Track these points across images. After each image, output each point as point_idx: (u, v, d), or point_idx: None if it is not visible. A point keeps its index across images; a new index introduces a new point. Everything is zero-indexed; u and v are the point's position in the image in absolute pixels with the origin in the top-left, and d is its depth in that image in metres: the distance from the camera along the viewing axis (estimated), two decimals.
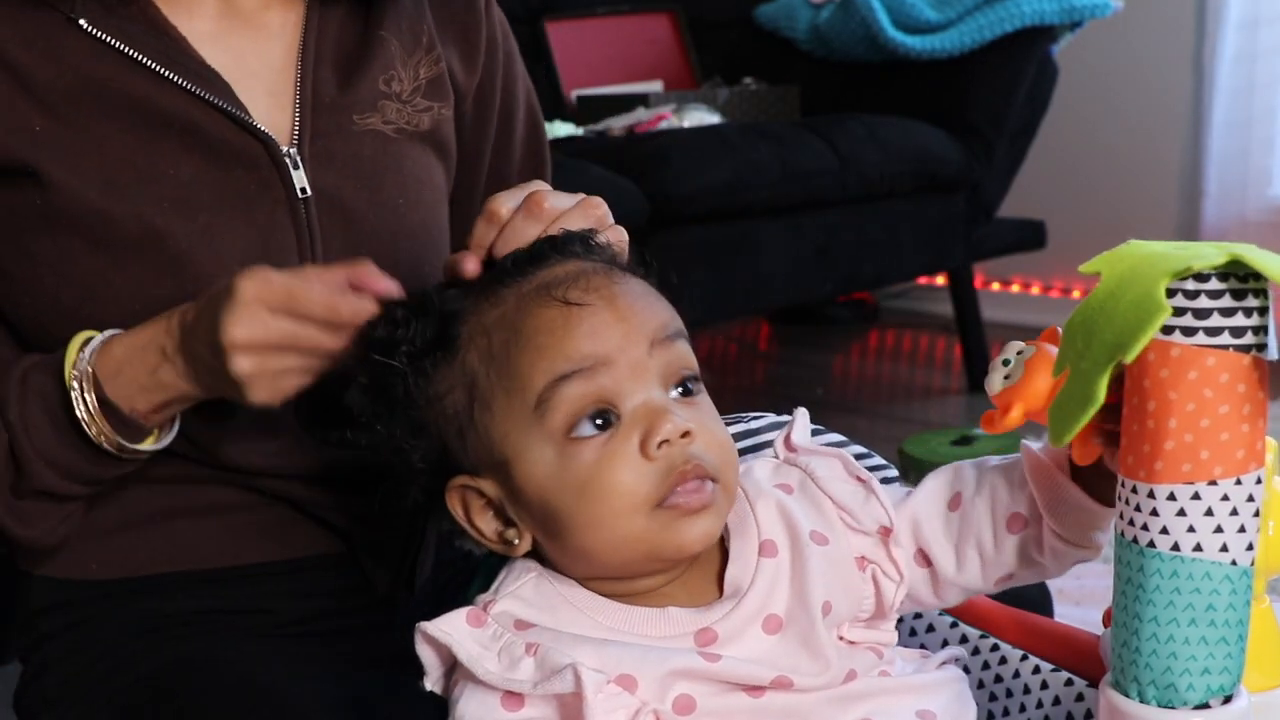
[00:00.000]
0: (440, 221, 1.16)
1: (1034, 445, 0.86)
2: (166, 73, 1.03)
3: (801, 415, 0.96)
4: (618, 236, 0.95)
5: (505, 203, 0.93)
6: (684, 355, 0.86)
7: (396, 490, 0.89)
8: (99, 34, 1.03)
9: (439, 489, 0.88)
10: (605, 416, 0.82)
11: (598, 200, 0.95)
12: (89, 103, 1.02)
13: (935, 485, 0.90)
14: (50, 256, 1.02)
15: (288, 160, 1.06)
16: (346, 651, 1.07)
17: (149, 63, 1.03)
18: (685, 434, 0.82)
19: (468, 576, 0.99)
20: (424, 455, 0.87)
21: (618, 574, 0.85)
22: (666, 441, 0.82)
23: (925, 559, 0.90)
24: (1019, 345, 0.84)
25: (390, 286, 0.92)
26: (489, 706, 0.81)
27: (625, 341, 0.83)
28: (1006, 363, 0.83)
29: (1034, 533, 0.86)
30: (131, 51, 1.03)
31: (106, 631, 1.06)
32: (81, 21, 1.03)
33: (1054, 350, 0.81)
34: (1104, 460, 0.81)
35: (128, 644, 1.05)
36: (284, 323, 0.91)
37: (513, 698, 0.81)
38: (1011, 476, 0.88)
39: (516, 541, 0.86)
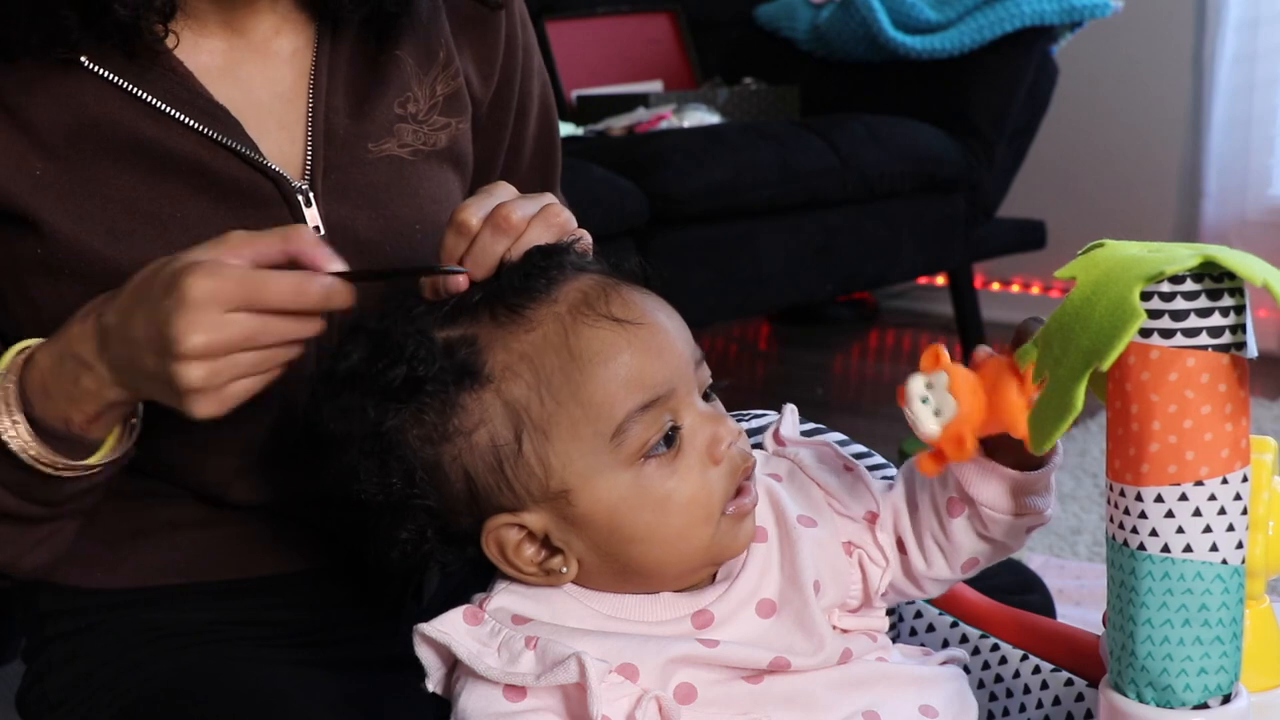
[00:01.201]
0: None
1: None
2: (173, 112, 0.99)
3: (790, 411, 0.98)
4: (585, 245, 0.93)
5: (474, 213, 0.89)
6: (706, 366, 0.88)
7: (391, 532, 0.86)
8: (102, 72, 0.98)
9: (456, 528, 0.86)
10: (674, 435, 0.84)
11: (558, 207, 0.92)
12: (91, 144, 0.98)
13: (901, 484, 0.93)
14: (52, 302, 0.98)
15: (300, 198, 1.02)
16: (351, 655, 1.07)
17: (155, 102, 0.99)
18: (739, 434, 0.86)
19: (471, 580, 0.99)
20: (438, 496, 0.85)
21: (657, 584, 0.86)
22: (730, 443, 0.85)
23: (903, 547, 0.92)
24: (923, 379, 0.82)
25: (331, 258, 0.86)
26: (491, 699, 0.82)
27: (682, 361, 0.85)
28: (925, 400, 0.81)
29: (974, 512, 0.88)
30: (137, 90, 0.99)
31: (111, 638, 1.05)
32: (84, 60, 0.98)
33: (962, 369, 0.81)
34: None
35: (133, 651, 1.04)
36: (243, 320, 0.83)
37: (515, 689, 0.82)
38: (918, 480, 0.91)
39: (565, 570, 0.85)
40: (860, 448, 1.05)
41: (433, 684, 0.85)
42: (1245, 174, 3.57)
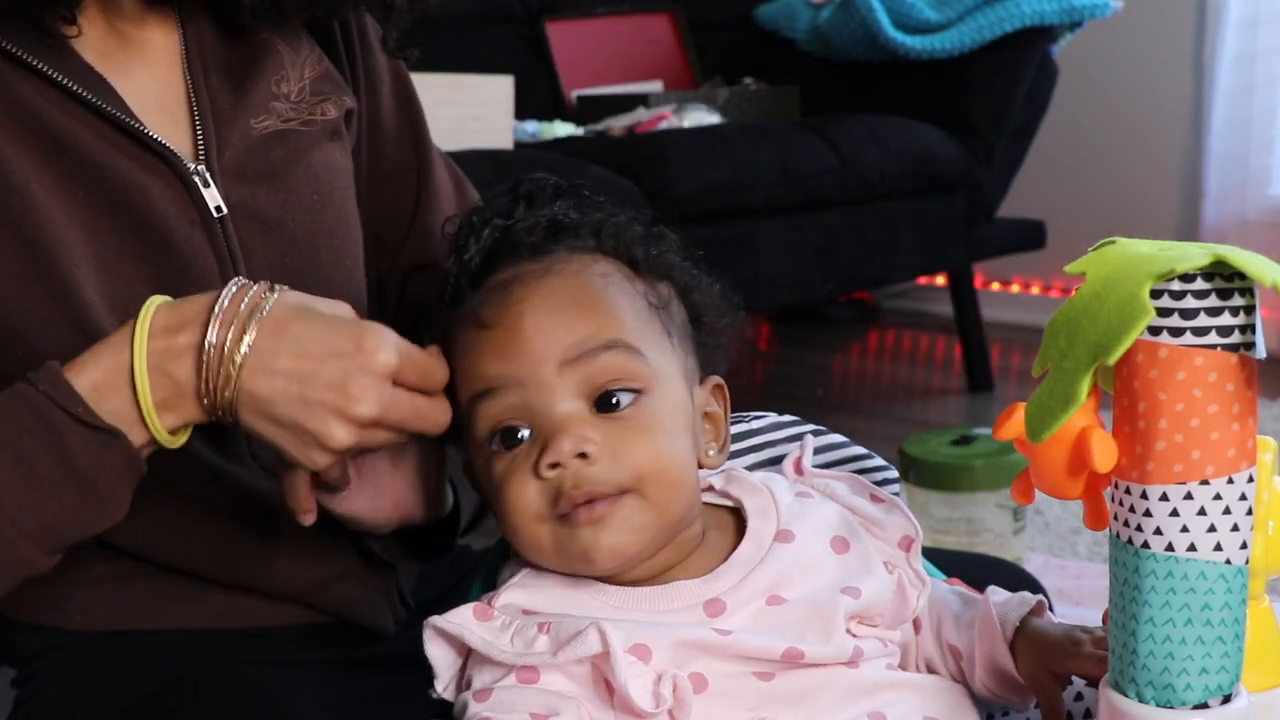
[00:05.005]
0: (352, 211, 1.12)
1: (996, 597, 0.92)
2: (78, 89, 0.96)
3: (809, 441, 0.98)
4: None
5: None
6: (608, 368, 0.85)
7: None
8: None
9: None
10: (512, 434, 0.85)
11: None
12: None
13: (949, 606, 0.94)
14: None
15: (196, 179, 1.00)
16: (347, 657, 1.06)
17: (67, 82, 0.96)
18: (581, 455, 0.83)
19: (466, 588, 0.99)
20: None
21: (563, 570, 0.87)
22: (558, 464, 0.82)
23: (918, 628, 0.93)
24: None
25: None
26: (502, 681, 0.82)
27: (529, 363, 0.84)
28: None
29: (967, 666, 0.91)
30: (25, 58, 0.95)
31: (100, 656, 1.03)
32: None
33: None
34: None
35: (122, 663, 1.03)
36: (405, 402, 0.87)
37: (528, 671, 0.82)
38: (965, 616, 0.92)
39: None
40: (860, 448, 1.05)
41: (442, 685, 0.85)
42: (1245, 174, 3.56)
